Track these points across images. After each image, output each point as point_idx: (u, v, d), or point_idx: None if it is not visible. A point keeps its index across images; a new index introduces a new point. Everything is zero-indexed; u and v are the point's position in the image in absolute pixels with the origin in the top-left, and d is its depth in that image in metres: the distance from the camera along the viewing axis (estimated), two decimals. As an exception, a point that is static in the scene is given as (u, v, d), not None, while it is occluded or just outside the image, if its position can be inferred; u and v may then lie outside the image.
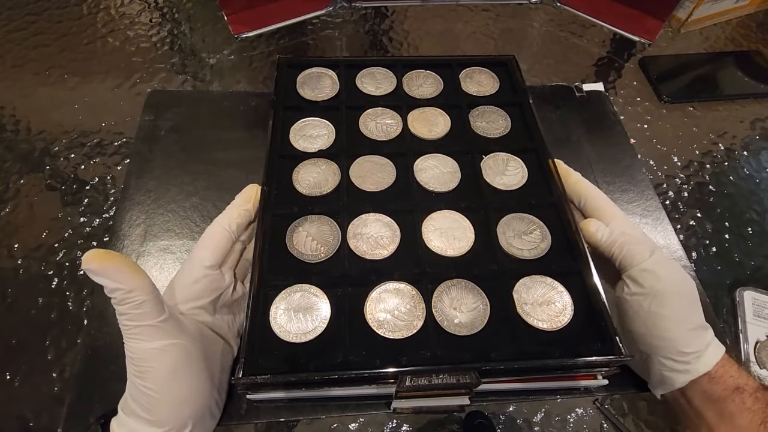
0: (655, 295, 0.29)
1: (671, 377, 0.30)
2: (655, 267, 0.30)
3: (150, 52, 0.58)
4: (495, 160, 0.42)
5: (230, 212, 0.33)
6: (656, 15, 0.61)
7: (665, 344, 0.30)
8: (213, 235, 0.32)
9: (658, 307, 0.29)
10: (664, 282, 0.30)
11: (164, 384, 0.26)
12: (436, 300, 0.33)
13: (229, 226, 0.32)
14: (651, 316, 0.30)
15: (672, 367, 0.30)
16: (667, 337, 0.29)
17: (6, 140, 0.49)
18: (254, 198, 0.34)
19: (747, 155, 0.55)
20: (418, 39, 0.63)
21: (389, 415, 0.35)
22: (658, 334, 0.30)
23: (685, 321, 0.29)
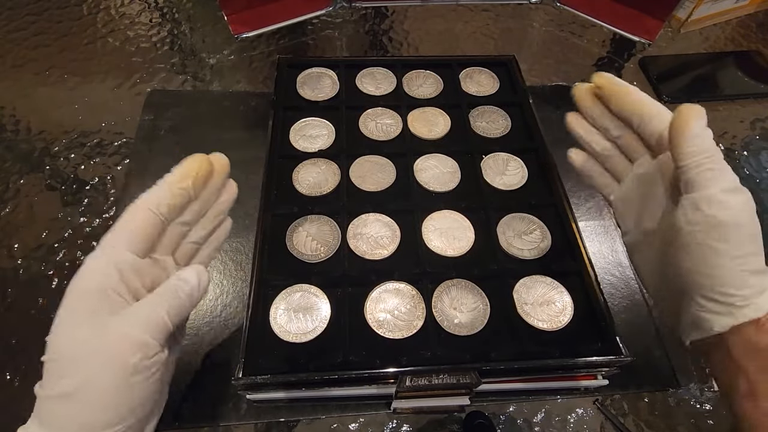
0: (716, 226, 0.25)
1: (710, 319, 0.26)
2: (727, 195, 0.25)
3: (150, 52, 0.58)
4: (495, 160, 0.42)
5: (160, 191, 0.26)
6: (656, 15, 0.61)
7: (712, 282, 0.25)
8: (135, 218, 0.26)
9: (716, 240, 0.25)
10: (731, 213, 0.25)
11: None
12: (436, 300, 0.33)
13: (158, 207, 0.26)
14: (703, 249, 0.25)
15: (713, 309, 0.26)
16: (716, 274, 0.25)
17: (6, 140, 0.49)
18: (196, 173, 0.28)
19: (747, 155, 0.55)
20: (418, 39, 0.63)
21: (389, 415, 0.35)
22: (706, 271, 0.25)
23: (742, 260, 0.25)
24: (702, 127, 0.26)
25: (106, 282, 0.24)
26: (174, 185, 0.27)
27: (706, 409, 0.36)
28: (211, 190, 0.29)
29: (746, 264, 0.25)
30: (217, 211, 0.30)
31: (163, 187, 0.27)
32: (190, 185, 0.27)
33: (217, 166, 0.30)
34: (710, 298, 0.26)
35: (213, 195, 0.30)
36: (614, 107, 0.32)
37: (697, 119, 0.26)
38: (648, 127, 0.30)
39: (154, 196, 0.26)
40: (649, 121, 0.30)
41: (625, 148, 0.33)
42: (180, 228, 0.28)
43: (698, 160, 0.26)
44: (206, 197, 0.29)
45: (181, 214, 0.28)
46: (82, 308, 0.24)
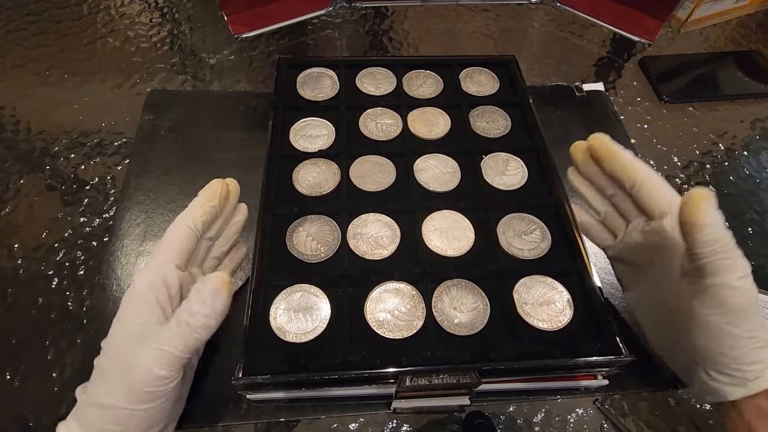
0: (731, 311, 0.26)
1: (725, 390, 0.28)
2: (741, 282, 0.26)
3: (150, 52, 0.58)
4: (495, 160, 0.42)
5: (194, 209, 0.31)
6: (656, 15, 0.61)
7: (725, 359, 0.27)
8: (177, 234, 0.30)
9: (731, 325, 0.26)
10: (745, 299, 0.26)
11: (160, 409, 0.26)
12: (436, 300, 0.33)
13: (194, 224, 0.30)
14: (718, 331, 0.27)
15: (727, 382, 0.28)
16: (730, 354, 0.27)
17: (6, 140, 0.49)
18: (219, 194, 0.32)
19: (747, 155, 0.55)
20: (418, 39, 0.63)
21: (389, 415, 0.35)
22: (720, 350, 0.27)
23: (754, 339, 0.27)
24: (713, 214, 0.26)
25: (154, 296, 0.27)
26: (205, 204, 0.31)
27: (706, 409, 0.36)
28: (229, 209, 0.33)
29: (756, 342, 0.27)
30: (233, 230, 0.34)
31: (195, 207, 0.31)
32: (217, 203, 0.31)
33: (232, 188, 0.33)
34: (724, 373, 0.27)
35: (229, 214, 0.34)
36: (607, 170, 0.33)
37: (708, 206, 0.26)
38: (640, 192, 0.31)
39: (189, 214, 0.30)
40: (640, 186, 0.31)
41: (620, 206, 0.34)
42: (207, 243, 0.33)
43: (714, 249, 0.26)
44: (225, 215, 0.33)
45: (207, 231, 0.32)
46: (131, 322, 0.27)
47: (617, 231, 0.34)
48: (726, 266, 0.26)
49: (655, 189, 0.30)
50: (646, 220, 0.32)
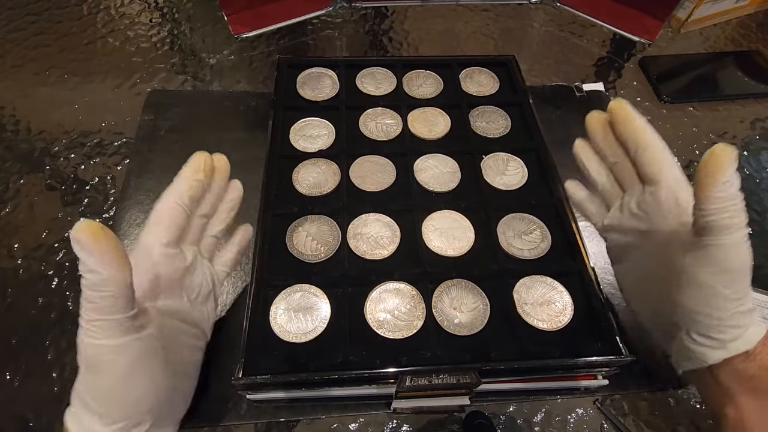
0: (727, 271, 0.26)
1: (705, 353, 0.28)
2: (742, 244, 0.26)
3: (150, 52, 0.58)
4: (495, 160, 0.42)
5: (179, 183, 0.30)
6: (656, 15, 0.61)
7: (711, 321, 0.27)
8: (164, 210, 0.29)
9: (722, 285, 0.26)
10: (743, 260, 0.26)
11: (118, 382, 0.24)
12: (436, 300, 0.33)
13: (180, 199, 0.29)
14: (710, 293, 0.27)
15: (707, 344, 0.28)
16: (716, 315, 0.27)
17: (6, 140, 0.49)
18: (203, 166, 0.30)
19: (747, 155, 0.55)
20: (418, 39, 0.63)
21: (389, 415, 0.35)
22: (707, 311, 0.27)
23: (740, 302, 0.27)
24: (733, 174, 0.26)
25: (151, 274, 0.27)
26: (190, 178, 0.30)
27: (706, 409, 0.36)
28: (219, 184, 0.32)
29: (742, 305, 0.27)
30: (228, 207, 0.33)
31: (181, 182, 0.30)
32: (202, 176, 0.30)
33: (219, 164, 0.33)
34: (706, 335, 0.28)
35: (221, 189, 0.33)
36: (617, 132, 0.33)
37: (732, 162, 0.26)
38: (642, 157, 0.31)
39: (175, 189, 0.29)
40: (644, 150, 0.31)
41: (619, 176, 0.34)
42: (200, 221, 0.31)
43: (724, 206, 0.26)
44: (216, 191, 0.32)
45: (199, 206, 0.31)
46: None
47: (613, 200, 0.35)
48: (733, 225, 0.26)
49: (658, 155, 0.31)
50: (643, 186, 0.32)
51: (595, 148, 0.35)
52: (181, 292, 0.29)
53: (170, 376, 0.27)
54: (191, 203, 0.30)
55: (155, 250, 0.28)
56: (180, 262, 0.29)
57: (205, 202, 0.31)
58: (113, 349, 0.23)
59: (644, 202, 0.32)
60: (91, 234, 0.21)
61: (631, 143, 0.32)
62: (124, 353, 0.24)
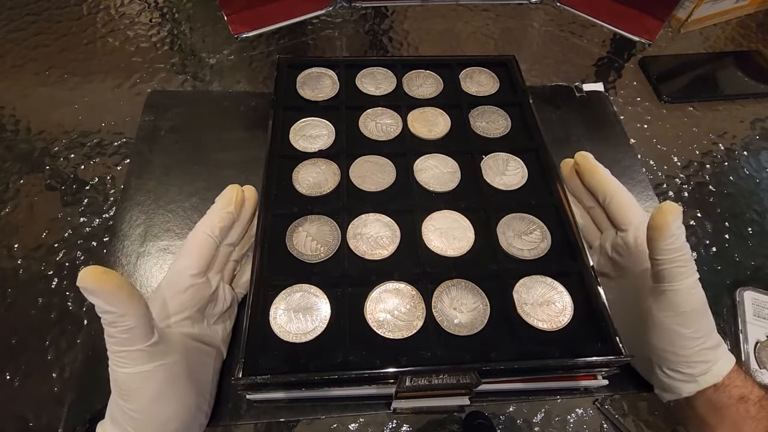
0: (682, 314, 0.30)
1: (678, 386, 0.31)
2: (693, 289, 0.30)
3: (150, 52, 0.58)
4: (495, 160, 0.42)
5: (212, 216, 0.32)
6: (656, 15, 0.61)
7: (677, 358, 0.30)
8: (196, 242, 0.31)
9: (681, 326, 0.30)
10: (694, 304, 0.30)
11: (149, 406, 0.26)
12: (436, 300, 0.33)
13: (212, 231, 0.31)
14: (671, 332, 0.30)
15: (680, 378, 0.30)
16: (681, 353, 0.30)
17: (6, 140, 0.49)
18: (235, 199, 0.33)
19: (747, 155, 0.55)
20: (418, 39, 0.63)
21: (389, 415, 0.35)
22: (672, 350, 0.30)
23: (702, 340, 0.30)
24: (678, 227, 0.29)
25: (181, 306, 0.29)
26: (222, 211, 0.32)
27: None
28: (248, 215, 0.35)
29: (705, 343, 0.30)
30: (251, 234, 0.35)
31: (213, 214, 0.32)
32: (233, 210, 0.33)
33: (249, 194, 0.35)
34: (676, 371, 0.30)
35: (248, 219, 0.35)
36: (586, 183, 0.37)
37: (676, 219, 0.29)
38: (611, 205, 0.35)
39: (207, 222, 0.32)
40: (611, 199, 0.35)
41: (595, 219, 0.38)
42: (227, 249, 0.34)
43: (673, 257, 0.29)
44: (244, 221, 0.35)
45: (227, 237, 0.33)
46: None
47: (591, 242, 0.38)
48: (681, 273, 0.29)
49: (624, 203, 0.34)
50: (616, 232, 0.35)
51: (571, 193, 0.39)
52: (203, 317, 0.31)
53: (195, 396, 0.29)
54: (221, 234, 0.32)
55: (184, 281, 0.30)
56: (206, 290, 0.31)
57: (233, 232, 0.34)
58: (141, 376, 0.25)
59: (617, 246, 0.35)
60: (95, 280, 0.23)
61: (599, 193, 0.36)
62: (152, 379, 0.25)
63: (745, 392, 0.29)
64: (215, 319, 0.33)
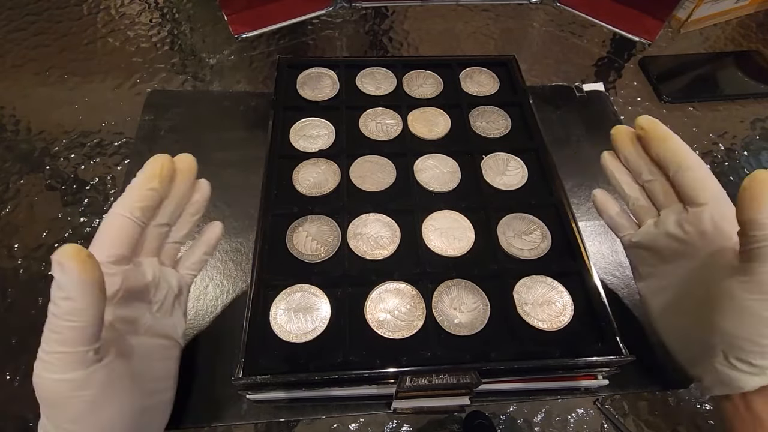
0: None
1: (742, 379, 0.27)
2: None
3: (150, 52, 0.58)
4: (495, 160, 0.42)
5: (130, 195, 0.27)
6: (656, 15, 0.61)
7: (753, 348, 0.27)
8: (109, 226, 0.26)
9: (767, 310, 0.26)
10: None
11: (84, 415, 0.22)
12: (436, 300, 0.33)
13: (131, 212, 0.26)
14: (754, 319, 0.26)
15: (746, 370, 0.27)
16: (760, 341, 0.26)
17: (6, 140, 0.49)
18: (160, 173, 0.28)
19: (747, 155, 0.55)
20: (418, 39, 0.63)
21: (389, 415, 0.35)
22: (751, 337, 0.27)
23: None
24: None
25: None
26: (142, 188, 0.27)
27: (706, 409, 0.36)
28: (182, 189, 0.30)
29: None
30: (192, 210, 0.31)
31: (132, 192, 0.27)
32: (157, 185, 0.28)
33: (183, 165, 0.30)
34: (746, 361, 0.27)
35: (184, 194, 0.30)
36: (653, 152, 0.32)
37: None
38: (684, 177, 0.30)
39: (125, 201, 0.27)
40: (686, 171, 0.30)
41: (654, 193, 0.33)
42: (159, 230, 0.29)
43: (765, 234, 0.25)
44: (178, 196, 0.30)
45: (156, 216, 0.29)
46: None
47: (645, 218, 0.34)
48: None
49: (701, 176, 0.30)
50: (683, 207, 0.31)
51: (626, 163, 0.35)
52: (144, 307, 0.28)
53: (141, 396, 0.26)
54: (144, 214, 0.27)
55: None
56: (138, 276, 0.27)
57: (163, 210, 0.29)
58: (74, 384, 0.22)
59: (685, 223, 0.31)
60: (79, 261, 0.21)
61: (671, 163, 0.31)
62: (87, 386, 0.22)
63: None
64: (159, 306, 0.29)
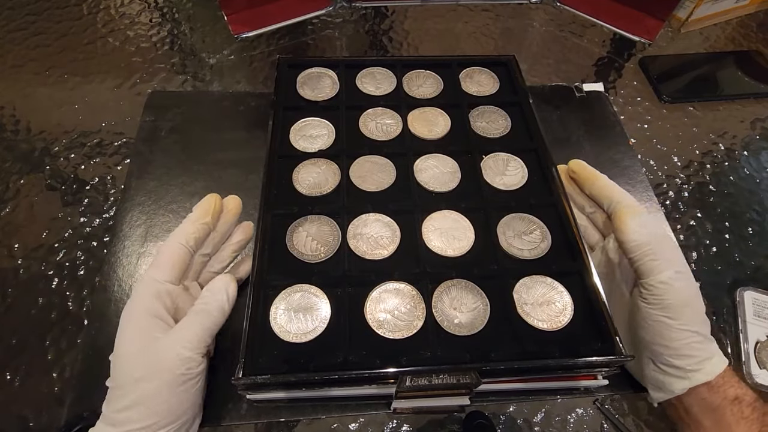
0: (667, 307, 0.30)
1: (671, 383, 0.31)
2: (674, 281, 0.30)
3: (150, 52, 0.58)
4: (495, 160, 0.42)
5: (187, 227, 0.32)
6: (656, 15, 0.61)
7: (669, 352, 0.30)
8: (169, 252, 0.31)
9: (669, 318, 0.30)
10: (677, 295, 0.30)
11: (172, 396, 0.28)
12: (436, 300, 0.33)
13: (186, 241, 0.31)
14: (658, 325, 0.30)
15: (672, 374, 0.31)
16: (671, 345, 0.30)
17: (6, 140, 0.49)
18: (212, 210, 0.33)
19: (747, 155, 0.55)
20: (418, 39, 0.63)
21: (389, 415, 0.35)
22: (662, 342, 0.30)
23: (691, 333, 0.30)
24: (639, 224, 0.31)
25: (151, 310, 0.29)
26: (198, 221, 0.32)
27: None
28: (227, 226, 0.35)
29: (694, 336, 0.30)
30: (234, 248, 0.35)
31: (188, 224, 0.32)
32: (210, 220, 0.33)
33: (230, 205, 0.35)
34: (668, 364, 0.30)
35: (228, 230, 0.35)
36: (587, 191, 0.37)
37: (633, 217, 0.31)
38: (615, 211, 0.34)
39: (182, 232, 0.32)
40: (617, 206, 0.34)
41: (597, 223, 0.38)
42: (202, 259, 0.34)
43: (640, 253, 0.31)
44: (222, 231, 0.34)
45: (202, 247, 0.33)
46: (134, 333, 0.28)
47: (593, 245, 0.38)
48: (654, 267, 0.30)
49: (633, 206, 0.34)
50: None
51: (570, 199, 0.39)
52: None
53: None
54: (196, 244, 0.32)
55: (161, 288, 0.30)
56: (186, 298, 0.32)
57: (208, 242, 0.34)
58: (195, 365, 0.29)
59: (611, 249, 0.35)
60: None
61: (603, 200, 0.36)
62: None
63: (739, 393, 0.29)
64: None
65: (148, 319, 0.29)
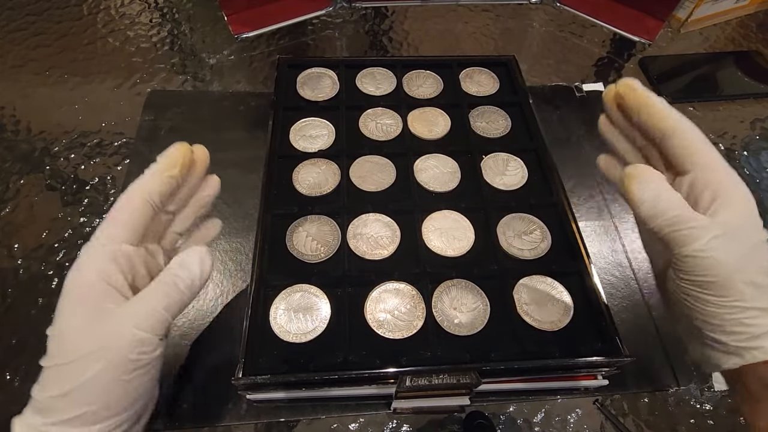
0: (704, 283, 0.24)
1: (719, 358, 0.25)
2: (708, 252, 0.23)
3: (150, 52, 0.58)
4: (495, 160, 0.42)
5: (150, 180, 0.26)
6: (656, 15, 0.61)
7: (711, 327, 0.25)
8: (130, 207, 0.25)
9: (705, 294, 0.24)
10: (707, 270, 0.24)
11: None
12: (436, 300, 0.33)
13: (150, 195, 0.26)
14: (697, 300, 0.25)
15: (718, 348, 0.25)
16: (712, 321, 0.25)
17: (6, 140, 0.49)
18: (182, 162, 0.27)
19: (747, 155, 0.55)
20: (418, 39, 0.63)
21: (389, 415, 0.35)
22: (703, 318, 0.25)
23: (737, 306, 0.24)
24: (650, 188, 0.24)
25: (105, 275, 0.24)
26: (163, 173, 0.27)
27: (706, 409, 0.36)
28: (195, 180, 0.29)
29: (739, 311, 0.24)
30: (198, 204, 0.30)
31: (153, 176, 0.26)
32: (178, 173, 0.27)
33: (199, 155, 0.29)
34: (713, 339, 0.25)
35: (195, 185, 0.30)
36: (635, 121, 0.28)
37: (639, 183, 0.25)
38: (667, 145, 0.26)
39: (145, 184, 0.26)
40: (669, 139, 0.26)
41: (651, 161, 0.29)
42: (165, 217, 0.28)
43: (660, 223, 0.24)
44: (190, 186, 0.29)
45: (168, 203, 0.28)
46: (82, 303, 0.23)
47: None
48: (681, 238, 0.24)
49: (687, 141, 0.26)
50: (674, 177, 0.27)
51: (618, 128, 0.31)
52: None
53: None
54: (161, 200, 0.26)
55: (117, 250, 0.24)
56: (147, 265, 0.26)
57: (174, 198, 0.28)
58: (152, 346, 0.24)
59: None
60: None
61: (655, 131, 0.27)
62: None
63: None
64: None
65: (99, 286, 0.23)
